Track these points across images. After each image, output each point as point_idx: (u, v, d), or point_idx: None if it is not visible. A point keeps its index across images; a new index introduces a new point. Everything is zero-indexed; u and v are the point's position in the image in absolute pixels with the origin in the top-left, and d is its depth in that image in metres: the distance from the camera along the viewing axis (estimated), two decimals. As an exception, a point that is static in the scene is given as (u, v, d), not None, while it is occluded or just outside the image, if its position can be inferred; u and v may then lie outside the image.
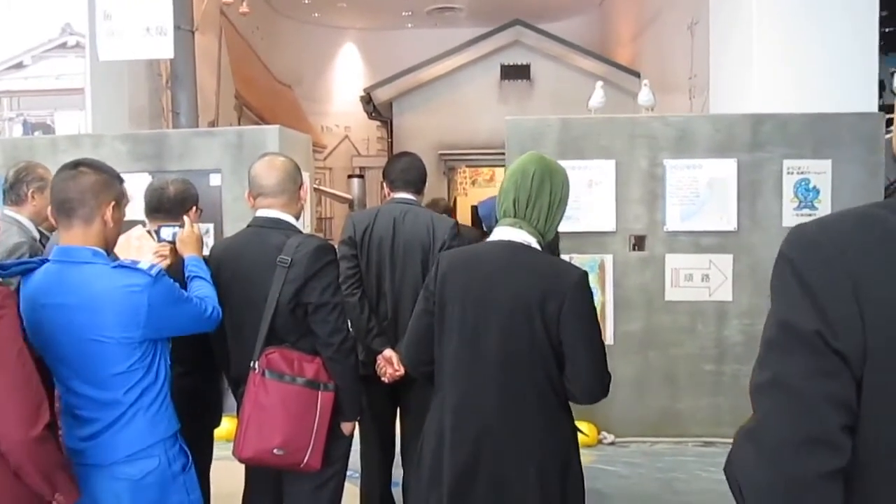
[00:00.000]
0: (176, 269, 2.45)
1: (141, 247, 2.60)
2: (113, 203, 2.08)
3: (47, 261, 2.07)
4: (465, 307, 2.01)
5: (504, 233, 2.04)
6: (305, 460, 2.41)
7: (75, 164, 2.07)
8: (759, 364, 0.98)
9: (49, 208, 2.19)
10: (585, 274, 1.99)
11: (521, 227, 2.02)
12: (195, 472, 2.21)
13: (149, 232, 2.65)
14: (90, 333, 1.95)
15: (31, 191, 3.28)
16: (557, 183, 2.06)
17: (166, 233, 2.55)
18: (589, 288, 1.99)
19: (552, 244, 2.87)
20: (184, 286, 2.33)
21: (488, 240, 2.10)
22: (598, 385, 1.97)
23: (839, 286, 0.90)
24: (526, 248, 2.01)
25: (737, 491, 0.97)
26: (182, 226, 2.53)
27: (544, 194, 2.03)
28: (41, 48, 7.09)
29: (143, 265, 2.04)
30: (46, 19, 6.89)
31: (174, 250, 2.51)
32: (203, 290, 2.34)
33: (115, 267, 2.01)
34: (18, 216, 3.27)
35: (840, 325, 0.89)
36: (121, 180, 2.16)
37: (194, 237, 2.51)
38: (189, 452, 2.19)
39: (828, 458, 0.88)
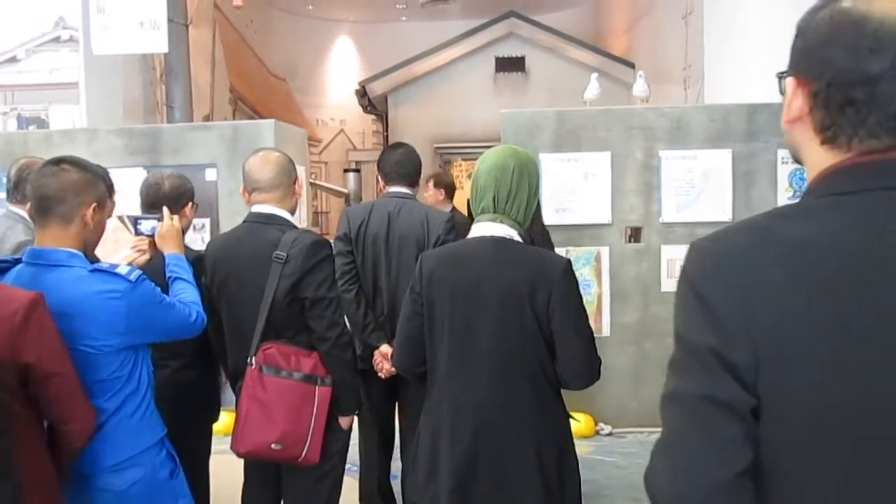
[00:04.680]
0: (155, 266, 2.38)
1: (118, 240, 2.50)
2: (95, 204, 1.96)
3: (20, 261, 1.95)
4: (454, 305, 2.02)
5: (485, 228, 2.05)
6: (303, 454, 2.42)
7: (58, 161, 1.97)
8: (667, 378, 0.98)
9: (28, 206, 2.07)
10: (569, 262, 2.02)
11: (501, 222, 2.03)
12: (184, 477, 2.14)
13: (121, 219, 2.54)
14: (67, 341, 1.84)
15: None
16: (533, 174, 2.09)
17: (145, 226, 2.45)
18: (574, 275, 2.01)
19: (544, 237, 2.89)
20: (164, 285, 2.23)
21: (469, 236, 2.10)
22: (590, 369, 1.99)
23: (731, 299, 0.91)
24: (509, 241, 2.02)
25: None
26: (161, 219, 2.44)
27: (523, 188, 2.05)
28: (34, 42, 7.07)
29: (123, 269, 1.93)
30: (40, 13, 6.87)
31: (153, 244, 2.43)
32: (186, 294, 2.23)
33: (92, 271, 1.90)
34: (24, 213, 3.24)
35: (734, 338, 0.90)
36: (106, 181, 2.06)
37: (174, 231, 2.43)
38: (176, 457, 2.11)
39: (732, 461, 0.89)
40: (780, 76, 1.05)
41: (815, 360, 0.87)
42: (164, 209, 2.48)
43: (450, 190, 5.29)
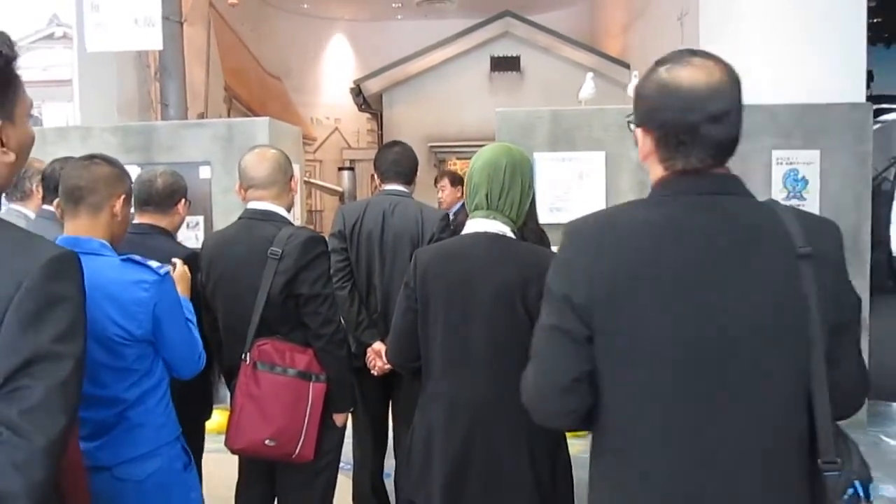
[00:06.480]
0: None
1: None
2: (123, 196, 2.06)
3: None
4: (448, 301, 2.03)
5: (478, 224, 2.06)
6: (297, 451, 2.42)
7: (89, 157, 2.08)
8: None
9: (57, 200, 2.17)
10: None
11: (494, 218, 2.05)
12: (195, 471, 2.18)
13: None
14: (91, 326, 1.90)
15: (34, 185, 3.25)
16: (527, 172, 2.10)
17: None
18: None
19: (536, 235, 2.89)
20: None
21: (463, 232, 2.11)
22: None
23: (581, 260, 1.35)
24: (502, 237, 2.04)
25: (524, 397, 1.44)
26: (174, 266, 2.44)
27: (516, 186, 2.07)
28: (28, 39, 7.02)
29: (153, 263, 2.01)
30: (33, 10, 6.83)
31: None
32: (195, 333, 2.27)
33: (124, 260, 1.98)
34: (25, 210, 3.25)
35: (578, 287, 1.33)
36: (130, 179, 2.14)
37: (186, 277, 2.45)
38: (189, 451, 2.16)
39: (569, 371, 1.35)
40: (629, 121, 1.43)
41: (634, 304, 1.30)
42: (177, 261, 2.46)
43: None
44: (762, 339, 1.27)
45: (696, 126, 1.31)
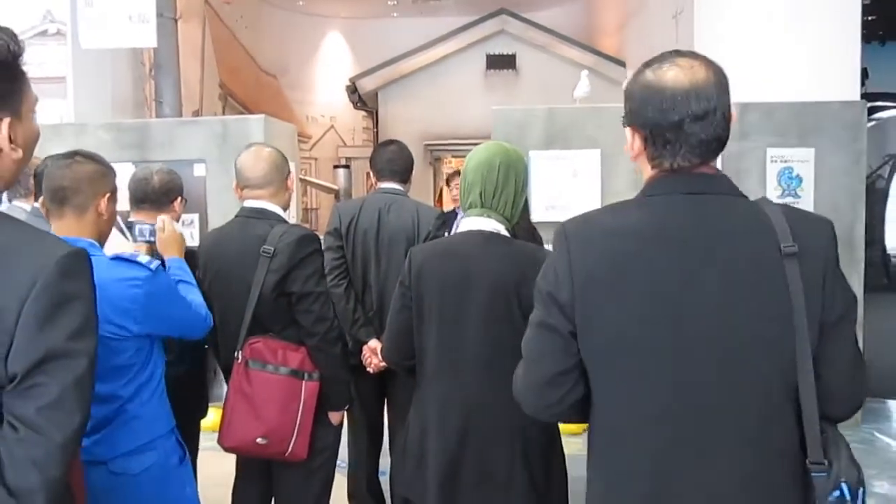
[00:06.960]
0: None
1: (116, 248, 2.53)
2: (108, 194, 2.03)
3: None
4: (443, 299, 2.03)
5: (473, 223, 2.07)
6: (289, 450, 2.41)
7: (71, 154, 2.04)
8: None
9: (42, 198, 2.16)
10: None
11: (489, 216, 2.06)
12: (190, 465, 2.19)
13: (121, 230, 2.53)
14: None
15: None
16: (520, 171, 2.11)
17: (142, 231, 2.46)
18: None
19: (528, 233, 2.89)
20: None
21: (458, 231, 2.12)
22: None
23: (565, 261, 1.39)
24: (497, 235, 2.05)
25: (514, 390, 1.50)
26: (163, 220, 2.42)
27: (510, 184, 2.07)
28: (22, 36, 6.95)
29: (143, 259, 2.00)
30: (27, 6, 6.80)
31: (153, 250, 2.44)
32: (193, 296, 2.28)
33: (113, 258, 1.97)
34: (25, 206, 3.24)
35: (562, 286, 1.38)
36: (114, 174, 2.12)
37: (176, 237, 2.44)
38: (184, 445, 2.16)
39: (553, 364, 1.40)
40: (623, 121, 1.45)
41: (614, 304, 1.34)
42: (164, 218, 2.44)
43: None
44: (746, 338, 1.28)
45: (680, 125, 1.33)
